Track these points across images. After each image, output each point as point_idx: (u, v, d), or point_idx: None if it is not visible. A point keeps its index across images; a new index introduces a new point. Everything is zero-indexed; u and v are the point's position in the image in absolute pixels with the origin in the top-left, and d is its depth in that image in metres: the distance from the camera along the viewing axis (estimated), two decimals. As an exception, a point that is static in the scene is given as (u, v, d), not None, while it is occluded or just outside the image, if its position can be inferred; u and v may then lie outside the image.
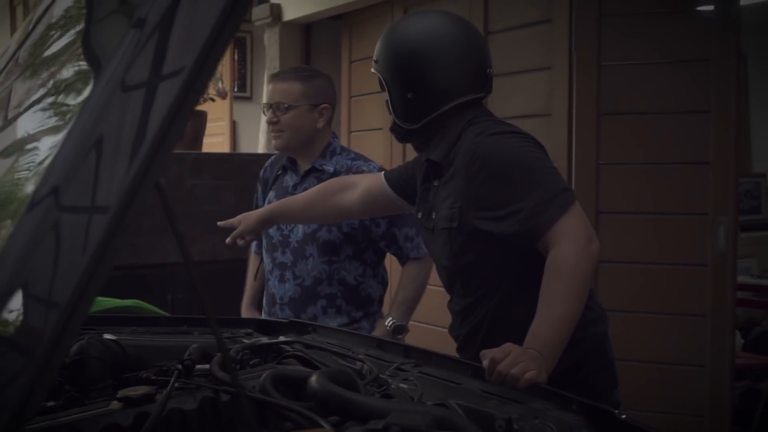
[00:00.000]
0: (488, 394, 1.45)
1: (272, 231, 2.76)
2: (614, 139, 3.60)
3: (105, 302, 3.77)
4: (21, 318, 0.76)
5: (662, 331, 3.52)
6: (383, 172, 2.37)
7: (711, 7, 3.47)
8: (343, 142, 5.15)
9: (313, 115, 2.72)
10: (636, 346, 3.54)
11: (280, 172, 2.86)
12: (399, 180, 2.28)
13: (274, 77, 2.81)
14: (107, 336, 1.64)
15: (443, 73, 2.00)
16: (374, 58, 2.08)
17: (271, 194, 2.83)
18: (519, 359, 1.54)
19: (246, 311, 2.99)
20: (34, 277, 0.77)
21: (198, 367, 1.44)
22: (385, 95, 2.08)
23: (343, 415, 1.27)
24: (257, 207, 2.85)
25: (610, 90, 3.60)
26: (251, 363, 1.61)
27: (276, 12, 5.31)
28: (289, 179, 2.81)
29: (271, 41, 5.45)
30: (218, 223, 2.47)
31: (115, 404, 1.30)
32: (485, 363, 1.54)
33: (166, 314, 3.28)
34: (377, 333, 2.63)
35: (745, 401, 4.22)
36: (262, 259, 2.91)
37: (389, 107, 2.08)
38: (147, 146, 0.68)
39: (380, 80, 2.08)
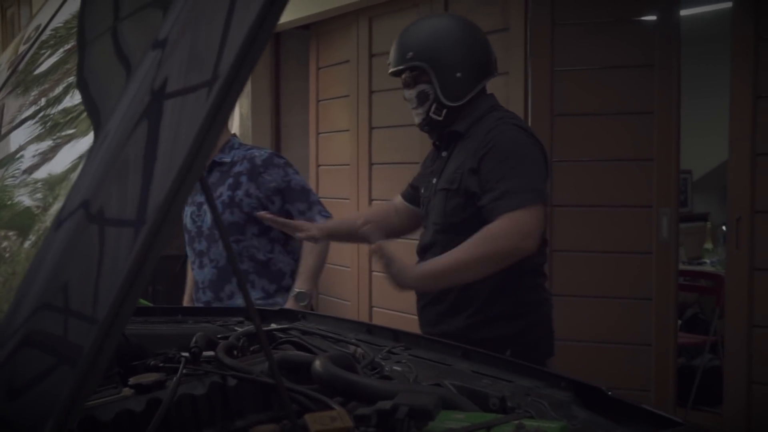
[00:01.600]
0: (479, 374, 1.42)
1: (189, 225, 2.84)
2: (567, 139, 3.60)
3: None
4: (63, 332, 0.70)
5: (612, 314, 3.54)
6: (401, 194, 2.51)
7: (654, 18, 3.49)
8: (311, 143, 5.11)
9: None
10: (588, 327, 3.56)
11: None
12: (410, 193, 2.45)
13: None
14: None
15: (475, 54, 2.21)
16: (407, 54, 2.20)
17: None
18: (402, 268, 1.96)
19: (188, 302, 3.02)
20: (72, 291, 0.71)
21: (204, 353, 1.39)
22: (416, 90, 2.20)
23: (348, 397, 1.23)
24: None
25: (563, 93, 3.60)
26: (251, 349, 1.56)
27: (248, 22, 5.21)
28: None
29: (243, 49, 5.35)
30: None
31: (126, 391, 1.24)
32: (385, 261, 1.91)
33: (150, 305, 3.21)
34: (288, 305, 2.67)
35: (682, 377, 4.26)
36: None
37: (429, 94, 2.19)
38: (182, 159, 0.63)
39: (412, 74, 2.20)
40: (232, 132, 2.93)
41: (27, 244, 0.82)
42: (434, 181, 2.25)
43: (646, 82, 3.45)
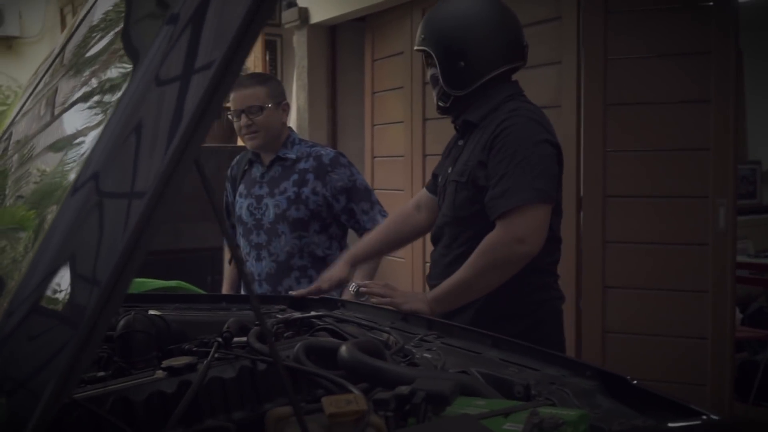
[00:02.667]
0: (506, 362, 1.43)
1: (246, 217, 2.89)
2: (620, 128, 3.54)
3: (150, 283, 3.78)
4: (67, 294, 0.75)
5: (666, 306, 3.47)
6: (425, 186, 2.48)
7: (710, 3, 3.40)
8: (366, 135, 5.14)
9: (279, 112, 2.85)
10: (642, 320, 3.50)
11: (246, 167, 2.97)
12: (434, 184, 2.39)
13: (237, 85, 2.90)
14: (152, 312, 1.64)
15: (488, 43, 2.12)
16: (421, 36, 2.18)
17: (241, 187, 2.95)
18: (408, 296, 2.00)
19: (227, 290, 3.12)
20: (78, 256, 0.75)
21: (236, 339, 1.42)
22: (430, 72, 2.19)
23: (372, 382, 1.26)
24: (228, 203, 3.02)
25: (616, 82, 3.54)
26: (285, 335, 1.60)
27: (304, 15, 5.28)
28: (256, 171, 2.92)
29: (299, 43, 5.42)
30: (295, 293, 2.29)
31: (159, 373, 1.29)
32: (384, 293, 1.99)
33: (206, 293, 3.29)
34: (345, 297, 2.68)
35: (743, 372, 4.17)
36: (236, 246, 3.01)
37: (438, 79, 2.17)
38: (181, 134, 0.66)
39: (426, 56, 2.19)
40: (288, 125, 2.98)
41: (49, 217, 0.87)
42: (449, 170, 2.23)
43: (702, 69, 3.36)
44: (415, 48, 2.23)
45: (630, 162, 3.53)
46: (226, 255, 3.21)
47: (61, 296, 0.74)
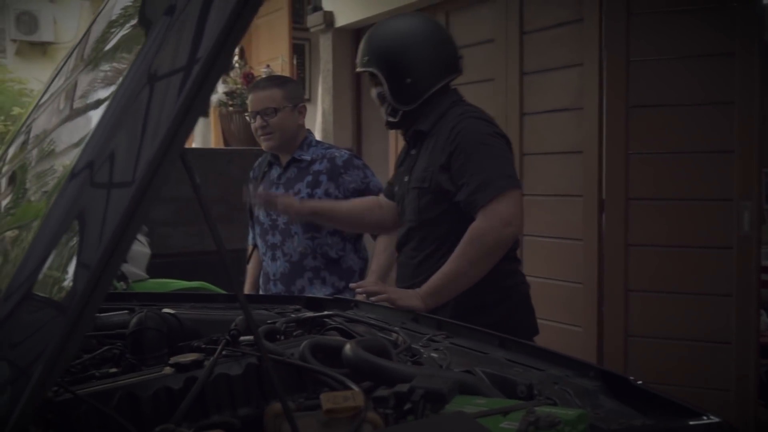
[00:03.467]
0: (512, 362, 1.43)
1: (263, 217, 2.94)
2: (643, 131, 3.52)
3: (174, 284, 3.83)
4: (58, 278, 0.77)
5: (689, 311, 3.44)
6: (384, 191, 2.58)
7: (734, 4, 3.36)
8: (391, 137, 5.15)
9: (294, 114, 2.89)
10: (665, 324, 3.47)
11: (266, 169, 3.02)
12: (391, 191, 2.50)
13: (254, 87, 2.97)
14: (166, 310, 1.66)
15: (430, 58, 2.25)
16: (365, 58, 2.29)
17: (260, 188, 2.95)
18: (401, 293, 2.06)
19: (250, 290, 3.16)
20: (68, 244, 0.78)
21: (243, 337, 1.44)
22: (375, 91, 2.31)
23: (374, 380, 1.27)
24: (251, 204, 3.03)
25: (639, 84, 3.51)
26: (294, 334, 1.62)
27: (329, 19, 5.31)
28: (274, 172, 2.97)
29: (324, 46, 5.45)
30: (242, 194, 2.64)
31: (167, 370, 1.31)
32: (378, 290, 2.03)
33: (224, 293, 3.31)
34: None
35: (770, 378, 4.10)
36: (255, 246, 3.07)
37: (385, 96, 2.28)
38: (167, 126, 0.68)
39: (371, 76, 2.30)
40: (307, 127, 3.01)
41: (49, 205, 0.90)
42: (406, 179, 2.33)
43: (726, 71, 3.33)
44: (359, 69, 2.34)
45: (653, 165, 3.50)
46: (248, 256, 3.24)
47: (51, 283, 0.76)
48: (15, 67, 8.70)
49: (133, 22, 1.01)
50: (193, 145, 7.48)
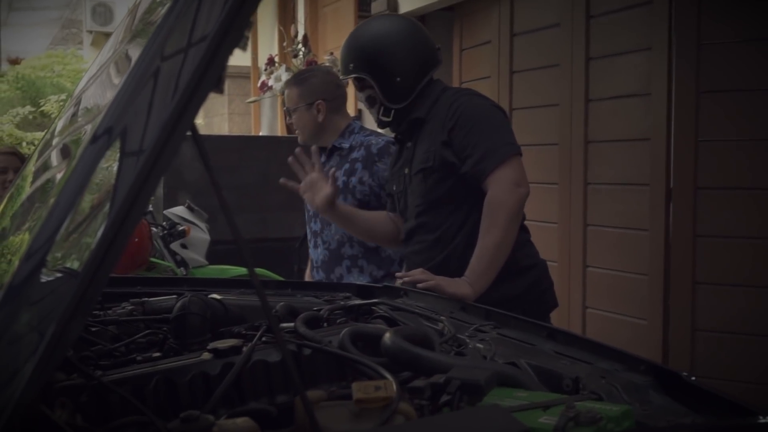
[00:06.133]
0: (560, 354, 1.38)
1: (308, 205, 2.85)
2: (714, 116, 3.38)
3: (232, 270, 3.87)
4: (65, 254, 0.76)
5: (761, 304, 3.29)
6: (387, 209, 2.56)
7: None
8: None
9: (311, 113, 2.88)
10: (734, 318, 3.34)
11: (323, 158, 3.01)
12: (393, 204, 2.51)
13: (285, 85, 2.94)
14: (213, 296, 1.66)
15: (414, 55, 2.32)
16: (350, 65, 2.36)
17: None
18: (449, 280, 2.02)
19: (308, 277, 3.14)
20: (83, 209, 0.77)
21: (284, 324, 1.43)
22: (364, 94, 2.38)
23: (411, 370, 1.24)
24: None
25: (710, 68, 3.37)
26: (338, 322, 1.59)
27: (393, 5, 5.28)
28: (322, 161, 2.92)
29: (388, 33, 5.41)
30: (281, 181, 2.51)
31: (205, 355, 1.30)
32: (425, 278, 2.01)
33: (282, 279, 3.33)
34: None
35: None
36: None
37: (376, 98, 2.35)
38: (177, 100, 0.66)
39: (358, 81, 2.37)
40: (353, 115, 3.00)
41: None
42: (406, 171, 2.38)
43: (803, 53, 3.17)
44: (346, 76, 2.41)
45: (724, 152, 3.37)
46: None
47: (61, 255, 0.76)
48: (91, 57, 8.95)
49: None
50: (261, 134, 7.56)
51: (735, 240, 3.36)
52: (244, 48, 0.71)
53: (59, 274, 0.77)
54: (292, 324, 1.42)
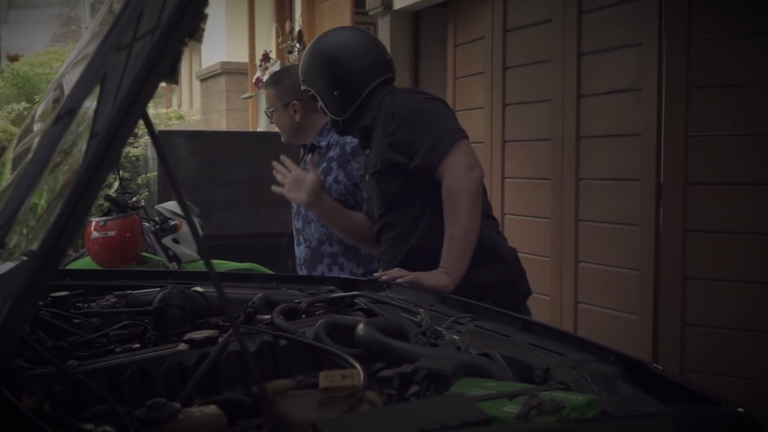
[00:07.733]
0: (533, 346, 1.39)
1: (293, 203, 2.91)
2: (704, 112, 3.39)
3: (225, 265, 3.89)
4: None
5: (750, 299, 3.30)
6: (365, 213, 2.60)
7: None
8: (449, 121, 5.10)
9: (288, 113, 2.91)
10: (724, 313, 3.35)
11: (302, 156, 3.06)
12: (370, 207, 2.51)
13: (263, 86, 3.04)
14: (196, 288, 1.68)
15: (354, 67, 2.38)
16: (301, 78, 2.47)
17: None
18: (427, 273, 2.07)
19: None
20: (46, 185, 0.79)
21: (261, 316, 1.44)
22: (318, 104, 2.46)
23: (385, 360, 1.25)
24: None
25: (701, 64, 3.38)
26: (317, 314, 1.61)
27: (387, 1, 5.28)
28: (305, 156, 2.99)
29: (383, 29, 5.43)
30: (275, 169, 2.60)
31: (181, 346, 1.32)
32: (406, 277, 2.02)
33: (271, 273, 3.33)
34: None
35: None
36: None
37: (324, 110, 2.45)
38: (126, 93, 0.68)
39: (312, 94, 2.45)
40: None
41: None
42: (367, 177, 2.43)
43: (793, 49, 3.17)
44: (302, 88, 2.50)
45: (714, 148, 3.37)
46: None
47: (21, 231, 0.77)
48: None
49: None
50: (258, 129, 7.57)
51: (725, 235, 3.36)
52: (199, 40, 0.72)
53: (16, 257, 0.79)
54: (268, 315, 1.43)
